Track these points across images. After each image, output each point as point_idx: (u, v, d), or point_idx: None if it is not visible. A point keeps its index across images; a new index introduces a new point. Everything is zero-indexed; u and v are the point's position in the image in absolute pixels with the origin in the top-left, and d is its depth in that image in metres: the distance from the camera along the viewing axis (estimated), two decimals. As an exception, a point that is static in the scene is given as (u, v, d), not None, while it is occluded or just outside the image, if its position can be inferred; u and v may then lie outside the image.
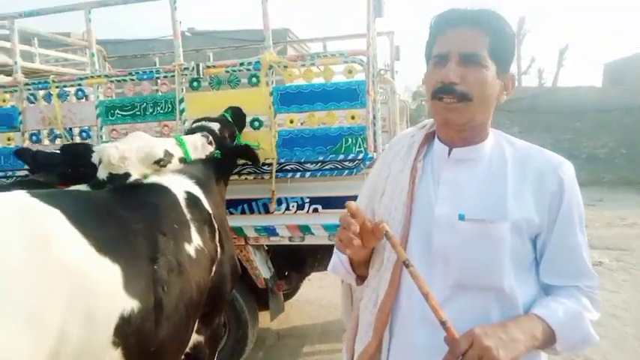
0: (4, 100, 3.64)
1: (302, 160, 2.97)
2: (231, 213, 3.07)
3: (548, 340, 1.09)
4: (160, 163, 2.43)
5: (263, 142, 3.02)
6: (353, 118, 3.00)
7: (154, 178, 2.18)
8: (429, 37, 1.21)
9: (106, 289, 1.50)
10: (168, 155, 2.39)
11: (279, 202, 3.04)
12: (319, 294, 4.67)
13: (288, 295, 3.79)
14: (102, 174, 2.32)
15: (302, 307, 4.49)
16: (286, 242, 3.08)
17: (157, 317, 1.65)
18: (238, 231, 3.10)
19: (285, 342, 3.93)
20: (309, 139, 3.04)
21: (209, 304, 2.08)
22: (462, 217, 1.13)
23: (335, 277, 4.46)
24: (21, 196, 1.51)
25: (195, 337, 2.11)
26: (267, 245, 3.26)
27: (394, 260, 1.17)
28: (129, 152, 2.34)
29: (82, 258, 1.46)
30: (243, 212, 3.09)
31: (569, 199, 1.15)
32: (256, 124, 3.10)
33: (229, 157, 2.65)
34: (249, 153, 2.74)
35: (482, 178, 1.17)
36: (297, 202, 3.02)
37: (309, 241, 3.06)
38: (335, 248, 1.27)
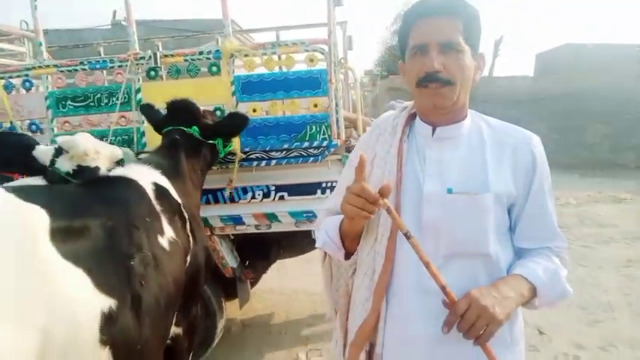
0: (-60, 92, 3.40)
1: (267, 149, 2.98)
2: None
3: (531, 296, 1.20)
4: (120, 164, 2.46)
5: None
6: (316, 106, 3.05)
7: (119, 171, 2.13)
8: (403, 28, 1.28)
9: (85, 289, 1.46)
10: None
11: (245, 190, 3.05)
12: (280, 283, 4.71)
13: (251, 285, 3.80)
14: (66, 166, 2.26)
15: (263, 296, 4.51)
16: (253, 230, 3.09)
17: (138, 313, 1.63)
18: (204, 221, 3.08)
19: (251, 330, 3.95)
20: (273, 127, 3.06)
21: (185, 295, 2.06)
22: (449, 191, 1.21)
23: (293, 265, 4.51)
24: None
25: (173, 330, 2.09)
26: (232, 235, 3.25)
27: (388, 235, 1.24)
28: (100, 147, 2.32)
29: (62, 258, 1.42)
30: (207, 202, 3.07)
31: (541, 170, 1.27)
32: (218, 113, 3.08)
33: (203, 142, 2.56)
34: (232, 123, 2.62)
35: (464, 154, 1.26)
36: (262, 190, 3.04)
37: (275, 228, 3.09)
38: (320, 226, 1.33)
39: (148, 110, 2.68)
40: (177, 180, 2.25)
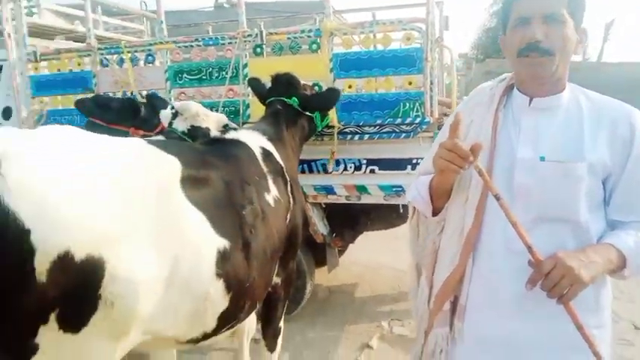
0: (79, 64, 3.92)
1: (360, 124, 3.12)
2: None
3: (620, 265, 1.24)
4: (225, 128, 2.80)
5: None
6: (410, 83, 3.13)
7: (233, 134, 2.39)
8: (505, 3, 1.34)
9: (206, 230, 1.70)
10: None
11: (337, 162, 3.22)
12: (367, 256, 4.87)
13: (339, 253, 3.99)
14: (182, 126, 2.59)
15: (350, 267, 4.70)
16: (343, 201, 3.27)
17: (247, 256, 1.86)
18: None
19: (336, 297, 4.17)
20: (367, 103, 3.18)
21: (284, 249, 2.29)
22: (542, 159, 1.28)
23: (382, 240, 4.62)
24: (144, 142, 1.72)
25: (273, 279, 2.33)
26: (324, 204, 3.45)
27: (478, 197, 1.33)
28: (209, 112, 2.63)
29: (188, 202, 1.67)
30: (302, 172, 3.29)
31: (639, 143, 1.27)
32: (316, 89, 3.26)
33: (302, 113, 2.75)
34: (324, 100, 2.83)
35: (560, 124, 1.31)
36: (354, 163, 3.19)
37: (364, 200, 3.24)
38: (411, 184, 1.44)
39: (254, 83, 2.92)
40: (279, 145, 2.47)
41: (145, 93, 3.78)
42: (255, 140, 2.35)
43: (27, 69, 3.98)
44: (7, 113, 4.43)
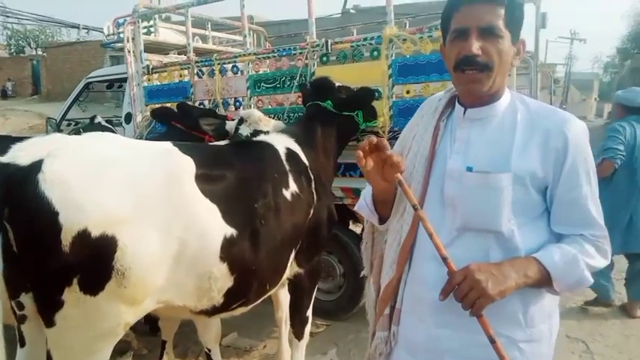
0: (181, 75, 4.49)
1: (414, 129, 3.14)
2: (350, 175, 3.42)
3: (545, 281, 1.21)
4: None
5: (380, 111, 3.27)
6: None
7: (261, 137, 2.69)
8: (445, 12, 1.35)
9: (215, 218, 1.97)
10: None
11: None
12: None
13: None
14: (246, 131, 2.91)
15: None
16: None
17: (255, 242, 2.10)
18: (356, 192, 3.43)
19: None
20: (424, 108, 3.19)
21: (307, 241, 2.50)
22: (469, 169, 1.29)
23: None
24: (167, 145, 2.06)
25: (296, 269, 2.57)
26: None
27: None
28: (269, 119, 2.97)
29: (200, 192, 1.95)
30: (361, 175, 3.39)
31: (573, 155, 1.23)
32: (376, 94, 3.35)
33: (338, 114, 2.90)
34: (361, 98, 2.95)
35: (492, 134, 1.31)
36: (408, 167, 3.21)
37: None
38: (362, 192, 1.53)
39: (302, 89, 3.16)
40: (307, 146, 2.67)
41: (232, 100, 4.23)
42: (282, 142, 2.60)
43: (142, 80, 4.66)
44: (129, 118, 5.20)
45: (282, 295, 2.98)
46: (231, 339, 3.47)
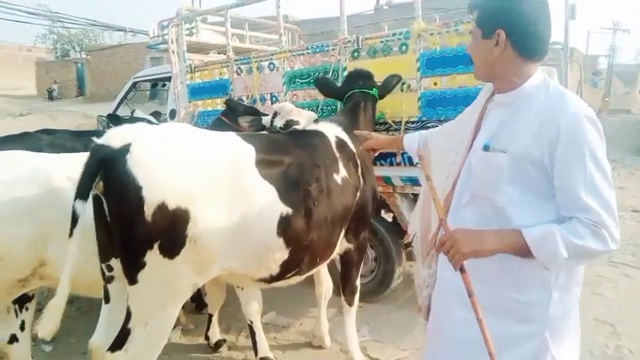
0: (221, 73, 4.78)
1: (442, 118, 3.30)
2: (381, 164, 3.60)
3: (525, 251, 1.37)
4: (316, 123, 3.27)
5: (408, 102, 3.46)
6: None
7: (313, 126, 2.98)
8: None
9: (272, 197, 2.26)
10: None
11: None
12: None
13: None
14: (279, 122, 3.16)
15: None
16: (426, 191, 3.48)
17: (308, 221, 2.38)
18: (387, 180, 3.62)
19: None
20: (451, 99, 3.34)
21: (355, 220, 2.80)
22: (485, 147, 1.49)
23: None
24: (232, 134, 2.38)
25: (346, 245, 2.89)
26: (412, 194, 3.69)
27: (455, 175, 1.65)
28: (302, 110, 3.24)
29: (260, 175, 2.24)
30: (391, 164, 3.58)
31: (566, 142, 1.35)
32: (403, 87, 3.53)
33: (376, 101, 3.28)
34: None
35: (504, 118, 1.50)
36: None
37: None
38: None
39: (321, 82, 3.47)
40: (353, 134, 2.87)
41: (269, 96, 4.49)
42: (332, 130, 2.89)
43: (186, 79, 4.97)
44: (173, 114, 5.55)
45: (323, 273, 3.29)
46: (270, 317, 3.72)
